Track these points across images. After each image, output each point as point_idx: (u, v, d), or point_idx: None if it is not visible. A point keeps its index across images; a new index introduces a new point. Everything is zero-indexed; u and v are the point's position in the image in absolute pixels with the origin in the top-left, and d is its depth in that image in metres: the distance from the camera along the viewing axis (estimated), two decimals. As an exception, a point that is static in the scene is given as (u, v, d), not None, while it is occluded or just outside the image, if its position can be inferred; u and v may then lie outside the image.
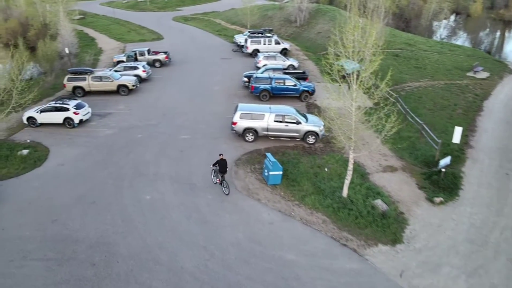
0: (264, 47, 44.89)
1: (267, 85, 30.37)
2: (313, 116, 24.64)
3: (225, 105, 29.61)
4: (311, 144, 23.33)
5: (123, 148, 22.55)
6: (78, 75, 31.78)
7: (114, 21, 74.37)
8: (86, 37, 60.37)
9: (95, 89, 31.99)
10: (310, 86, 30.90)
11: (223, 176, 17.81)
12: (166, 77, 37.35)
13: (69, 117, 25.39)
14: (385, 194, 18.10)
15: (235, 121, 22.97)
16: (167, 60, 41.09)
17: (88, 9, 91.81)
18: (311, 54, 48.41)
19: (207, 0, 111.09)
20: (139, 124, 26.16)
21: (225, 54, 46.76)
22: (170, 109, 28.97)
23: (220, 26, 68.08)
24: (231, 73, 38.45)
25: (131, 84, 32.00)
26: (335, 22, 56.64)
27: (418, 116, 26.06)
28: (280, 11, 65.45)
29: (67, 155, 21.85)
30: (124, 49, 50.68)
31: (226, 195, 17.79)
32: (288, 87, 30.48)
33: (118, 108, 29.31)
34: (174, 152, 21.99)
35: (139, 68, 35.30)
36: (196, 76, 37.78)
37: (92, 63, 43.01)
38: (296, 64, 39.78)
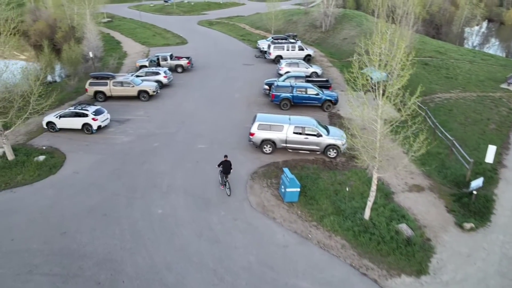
0: (287, 53, 43.99)
1: (288, 94, 29.44)
2: (335, 129, 23.54)
3: (244, 113, 28.89)
4: (332, 158, 22.23)
5: (138, 157, 22.13)
6: (99, 80, 31.83)
7: (140, 25, 75.27)
8: (112, 40, 61.20)
9: (116, 94, 31.95)
10: (333, 95, 29.76)
11: (227, 176, 18.36)
12: (187, 83, 37.02)
13: (87, 123, 25.26)
14: (410, 218, 16.81)
15: (252, 132, 22.17)
16: (189, 66, 40.83)
17: (116, 12, 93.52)
18: (336, 60, 47.16)
19: (233, 4, 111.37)
20: (157, 131, 25.76)
21: (248, 60, 46.15)
22: (189, 116, 28.49)
23: (244, 30, 67.68)
24: (252, 79, 37.75)
25: (152, 90, 31.78)
26: (361, 28, 55.33)
27: (448, 131, 24.50)
28: (305, 16, 64.43)
29: (82, 163, 21.61)
30: (148, 53, 50.93)
31: (228, 196, 18.20)
32: (310, 96, 29.45)
33: (138, 114, 29.08)
34: (189, 163, 21.38)
35: (160, 73, 35.10)
36: (217, 82, 37.28)
37: (115, 67, 43.29)
38: (320, 71, 38.69)
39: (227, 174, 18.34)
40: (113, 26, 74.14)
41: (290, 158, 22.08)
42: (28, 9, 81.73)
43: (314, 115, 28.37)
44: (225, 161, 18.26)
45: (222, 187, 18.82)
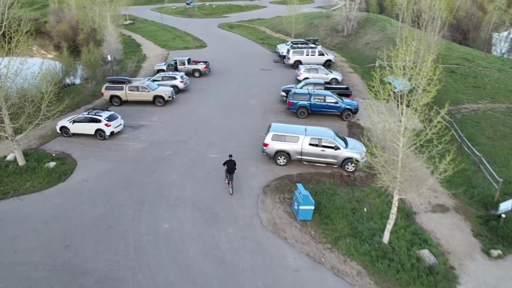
0: (307, 58, 42.95)
1: (305, 102, 28.42)
2: (354, 141, 22.38)
3: (259, 121, 28.06)
4: (350, 172, 21.09)
5: (149, 165, 21.57)
6: (115, 84, 31.61)
7: (161, 27, 75.60)
8: (132, 43, 61.55)
9: (131, 98, 31.67)
10: (353, 104, 28.55)
11: (231, 176, 18.73)
12: (203, 88, 36.47)
13: (100, 128, 24.93)
14: (433, 242, 15.54)
15: (266, 142, 21.27)
16: (207, 70, 40.33)
17: (139, 14, 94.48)
18: (357, 66, 45.76)
19: (254, 7, 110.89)
20: (170, 139, 25.20)
21: (266, 65, 45.32)
22: (203, 123, 27.85)
23: (264, 34, 66.94)
24: (269, 85, 36.88)
25: (167, 95, 31.33)
26: (385, 33, 53.69)
27: (476, 146, 22.98)
28: (326, 20, 63.17)
29: (93, 170, 21.20)
30: (167, 57, 50.79)
31: (231, 195, 18.66)
32: (328, 104, 28.34)
33: (152, 120, 28.64)
34: (200, 173, 20.66)
35: (177, 78, 34.67)
36: (233, 87, 36.58)
37: (134, 70, 43.24)
38: (340, 78, 37.48)
39: (231, 173, 18.72)
40: (134, 29, 74.74)
41: (305, 171, 21.07)
42: (52, 10, 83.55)
43: (333, 125, 27.31)
44: (229, 161, 18.70)
45: (226, 181, 19.13)
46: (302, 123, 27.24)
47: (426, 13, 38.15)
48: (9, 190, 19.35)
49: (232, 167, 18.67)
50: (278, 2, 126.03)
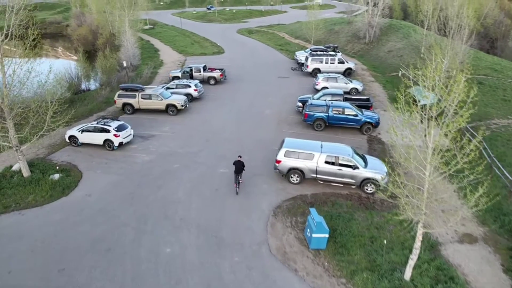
0: (326, 66, 41.48)
1: (322, 114, 27.02)
2: (374, 159, 20.83)
3: (273, 133, 26.83)
4: (370, 193, 19.55)
5: (156, 180, 20.60)
6: (128, 92, 30.97)
7: (180, 32, 75.47)
8: (151, 48, 61.40)
9: (144, 107, 30.96)
10: (374, 117, 26.95)
11: (239, 176, 19.18)
12: (218, 96, 35.51)
13: (109, 139, 24.19)
14: (460, 280, 13.89)
15: (279, 159, 19.98)
16: (222, 78, 39.38)
17: (159, 18, 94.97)
18: (379, 75, 43.97)
19: (275, 12, 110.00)
20: (179, 151, 24.23)
21: (283, 72, 44.07)
22: (215, 134, 26.80)
23: (283, 40, 65.77)
24: (285, 94, 35.61)
25: (180, 104, 30.46)
26: (409, 40, 51.64)
27: (507, 167, 21.06)
28: (348, 26, 61.48)
29: (97, 184, 20.39)
30: (184, 63, 50.21)
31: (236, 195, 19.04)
32: (347, 117, 26.83)
33: (163, 129, 27.79)
34: (208, 190, 19.54)
35: (191, 86, 33.81)
36: (249, 96, 35.47)
37: (149, 76, 42.73)
38: (360, 88, 35.86)
39: (239, 173, 19.17)
40: (154, 33, 74.85)
41: (320, 190, 19.66)
42: (74, 13, 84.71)
43: (351, 139, 25.84)
44: (238, 161, 19.17)
45: (234, 185, 19.43)
46: (318, 136, 25.91)
47: (453, 20, 36.16)
48: (11, 203, 18.70)
49: (240, 167, 19.12)
50: (299, 7, 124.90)
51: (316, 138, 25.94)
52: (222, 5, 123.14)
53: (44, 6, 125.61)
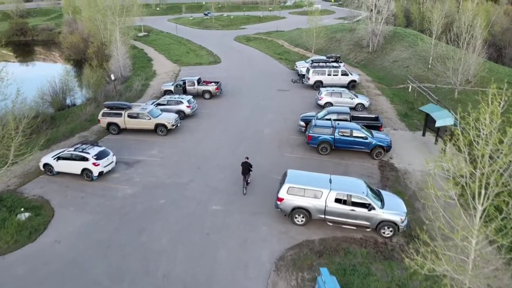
0: (329, 78, 38.76)
1: (328, 136, 24.25)
2: (391, 196, 18.01)
3: (273, 158, 24.09)
4: (387, 237, 16.75)
5: (137, 221, 17.75)
6: (113, 110, 28.17)
7: (175, 40, 72.75)
8: (144, 57, 58.62)
9: (131, 127, 28.14)
10: (385, 140, 24.19)
11: (247, 176, 20.03)
12: (213, 113, 32.72)
13: (87, 168, 21.36)
14: None
15: (281, 196, 17.16)
16: (218, 92, 36.60)
17: (155, 25, 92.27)
18: (385, 87, 41.29)
19: (273, 18, 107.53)
20: (167, 181, 21.40)
21: (283, 84, 41.33)
22: (208, 159, 24.00)
23: (282, 48, 63.13)
24: (286, 110, 32.88)
25: (170, 123, 27.65)
26: (415, 50, 48.98)
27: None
28: (350, 34, 58.89)
29: (69, 226, 17.54)
30: (178, 74, 47.45)
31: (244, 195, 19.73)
32: (356, 139, 24.07)
33: (150, 153, 24.98)
34: (198, 236, 16.69)
35: (183, 103, 30.99)
36: (246, 112, 32.70)
37: (140, 89, 39.93)
38: (367, 103, 33.15)
39: (246, 174, 19.99)
40: (148, 41, 72.09)
41: (330, 234, 16.84)
42: (66, 20, 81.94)
43: (361, 165, 23.14)
44: (245, 163, 20.03)
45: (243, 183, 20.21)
46: (323, 161, 23.24)
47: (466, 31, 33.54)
48: (-34, 253, 15.86)
49: (247, 168, 19.93)
50: (297, 12, 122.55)
51: (321, 163, 23.35)
52: (219, 10, 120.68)
53: (38, 12, 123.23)
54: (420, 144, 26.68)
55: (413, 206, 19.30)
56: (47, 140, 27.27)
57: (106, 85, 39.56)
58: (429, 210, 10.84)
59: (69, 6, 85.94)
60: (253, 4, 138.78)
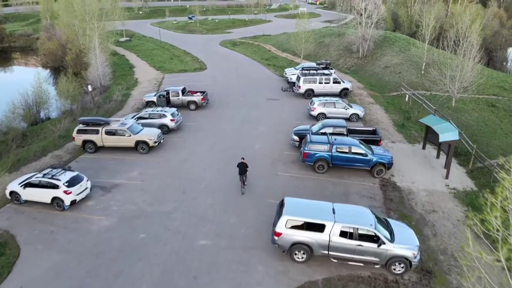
0: (320, 87, 37.01)
1: (325, 153, 22.36)
2: (401, 227, 16.12)
3: (266, 177, 22.12)
4: (398, 275, 14.87)
5: (113, 262, 15.45)
6: (90, 127, 25.74)
7: (159, 45, 70.25)
8: (125, 64, 56.04)
9: (109, 144, 25.76)
10: (386, 156, 22.41)
11: (244, 176, 20.38)
12: (199, 126, 30.52)
13: (58, 197, 18.95)
14: None
15: (279, 231, 15.11)
16: (204, 102, 34.40)
17: (138, 29, 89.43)
18: (378, 94, 39.78)
19: (259, 21, 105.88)
20: (148, 209, 19.14)
21: (273, 93, 39.40)
22: (194, 181, 21.81)
23: (269, 53, 61.34)
24: (277, 121, 30.96)
25: (152, 140, 25.37)
26: (406, 55, 47.65)
27: None
28: (339, 39, 57.42)
29: (36, 269, 15.16)
30: (162, 82, 45.08)
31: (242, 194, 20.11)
32: (355, 157, 22.22)
33: (130, 176, 22.66)
34: (183, 280, 14.50)
35: (167, 116, 28.69)
36: (235, 124, 30.60)
37: (121, 100, 37.47)
38: (362, 113, 31.46)
39: (243, 174, 20.34)
40: (130, 46, 69.41)
41: (335, 273, 14.86)
42: (44, 25, 78.46)
43: (361, 184, 21.39)
44: (241, 163, 20.31)
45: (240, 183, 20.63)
46: (320, 180, 21.32)
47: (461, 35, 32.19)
48: None
49: (244, 168, 20.29)
50: (283, 16, 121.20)
51: (318, 183, 21.57)
52: (204, 14, 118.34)
53: (17, 17, 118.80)
54: (421, 158, 25.04)
55: (422, 232, 17.54)
56: (17, 160, 24.83)
57: (84, 96, 36.90)
58: (468, 277, 8.85)
59: (47, 10, 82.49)
60: (238, 7, 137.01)
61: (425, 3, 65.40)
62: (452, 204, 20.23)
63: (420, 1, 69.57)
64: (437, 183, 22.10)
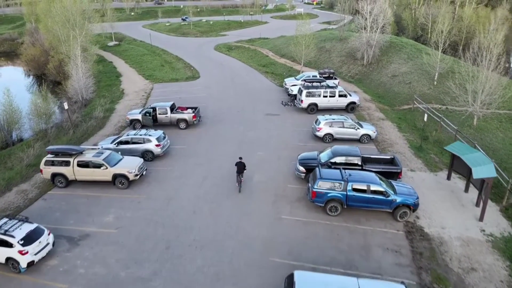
0: (325, 101, 33.35)
1: (338, 193, 18.70)
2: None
3: (267, 223, 18.51)
4: None
5: None
6: (59, 158, 21.90)
7: (149, 50, 66.24)
8: (112, 72, 51.98)
9: (82, 178, 21.96)
10: (411, 197, 18.70)
11: (241, 175, 20.87)
12: (189, 150, 26.75)
13: (12, 257, 15.16)
14: None
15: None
16: (195, 120, 30.56)
17: (128, 32, 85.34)
18: (387, 108, 36.19)
19: (255, 23, 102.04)
20: (122, 274, 15.35)
21: (272, 107, 35.67)
22: (181, 231, 18.02)
23: (267, 59, 57.55)
24: (279, 144, 27.35)
25: (133, 173, 21.58)
26: (415, 62, 44.04)
27: None
28: (340, 44, 53.70)
29: None
30: (150, 93, 41.20)
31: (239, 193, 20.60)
32: (374, 197, 18.55)
33: (104, 221, 18.87)
34: None
35: (151, 141, 24.87)
36: (230, 148, 26.85)
37: (102, 116, 33.61)
38: (374, 133, 27.81)
39: (240, 173, 20.74)
40: (119, 51, 65.35)
41: None
42: (28, 29, 74.18)
43: (382, 231, 17.72)
44: (239, 162, 20.76)
45: (237, 184, 21.09)
46: (333, 225, 17.63)
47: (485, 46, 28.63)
48: None
49: (242, 167, 20.71)
50: (279, 17, 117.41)
51: (330, 230, 18.22)
52: (198, 15, 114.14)
53: (4, 19, 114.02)
54: (447, 193, 21.46)
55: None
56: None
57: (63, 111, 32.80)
58: None
59: (32, 13, 77.97)
60: (233, 7, 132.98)
61: (431, 5, 61.79)
62: (492, 258, 16.68)
63: (425, 3, 65.94)
64: (470, 228, 18.52)
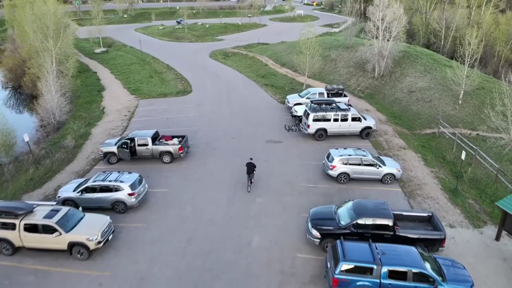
0: (335, 125, 28.36)
1: (369, 281, 13.69)
2: None
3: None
4: None
5: None
6: (3, 218, 16.82)
7: (139, 58, 61.05)
8: (94, 85, 46.47)
9: (30, 245, 16.87)
10: (464, 284, 13.72)
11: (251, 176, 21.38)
12: (171, 196, 21.68)
13: None
14: None
15: None
16: (182, 153, 25.43)
17: (119, 36, 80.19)
18: (406, 132, 31.27)
19: (253, 26, 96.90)
20: None
21: (273, 131, 30.58)
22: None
23: (266, 68, 52.49)
24: (282, 184, 22.50)
25: (94, 241, 16.47)
26: (434, 76, 38.97)
27: None
28: (347, 52, 48.64)
29: None
30: (134, 112, 36.06)
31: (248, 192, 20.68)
32: (417, 285, 13.54)
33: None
34: None
35: (123, 189, 19.72)
36: (223, 193, 21.81)
37: (74, 145, 28.47)
38: (399, 172, 22.79)
39: (250, 173, 21.32)
40: (106, 60, 59.98)
41: None
42: (9, 36, 68.83)
43: None
44: (249, 163, 21.42)
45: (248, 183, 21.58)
46: None
47: None
48: None
49: (251, 168, 21.30)
50: (278, 19, 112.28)
51: None
52: (194, 17, 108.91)
53: None
54: (498, 260, 16.70)
55: None
56: None
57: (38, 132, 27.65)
58: None
59: (13, 18, 72.45)
60: (230, 9, 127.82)
61: (445, 9, 56.92)
62: None
63: (439, 8, 60.92)
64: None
